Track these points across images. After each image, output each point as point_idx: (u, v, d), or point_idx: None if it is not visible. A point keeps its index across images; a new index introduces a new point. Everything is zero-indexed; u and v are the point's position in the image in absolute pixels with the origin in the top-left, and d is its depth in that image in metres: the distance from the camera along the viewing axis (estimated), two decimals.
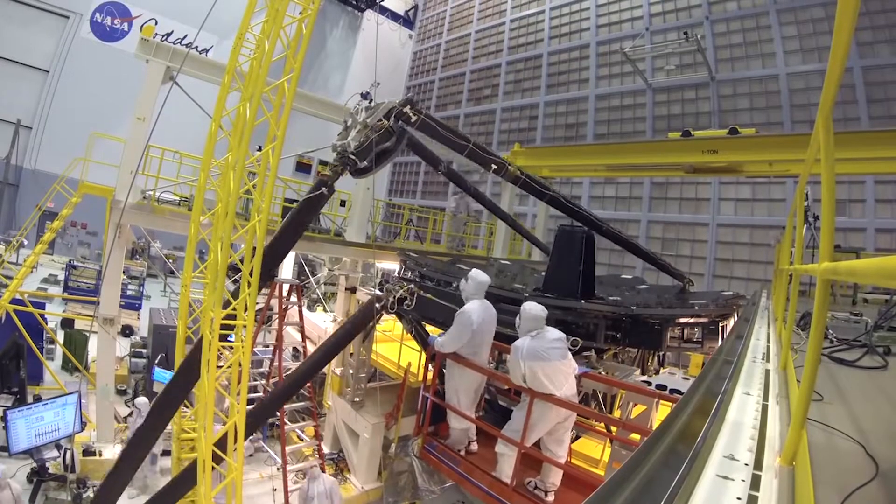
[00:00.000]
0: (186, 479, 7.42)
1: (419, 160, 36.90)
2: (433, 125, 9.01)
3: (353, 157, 8.05)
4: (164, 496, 7.79)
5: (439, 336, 7.43)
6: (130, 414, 12.52)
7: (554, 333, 6.31)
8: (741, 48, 22.68)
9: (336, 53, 39.78)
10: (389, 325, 13.80)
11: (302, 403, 10.93)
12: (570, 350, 6.46)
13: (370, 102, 8.37)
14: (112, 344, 11.36)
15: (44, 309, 14.24)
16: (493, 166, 10.32)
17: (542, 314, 6.38)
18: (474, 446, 7.62)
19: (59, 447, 10.43)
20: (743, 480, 1.98)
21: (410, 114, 8.45)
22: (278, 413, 9.84)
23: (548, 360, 6.07)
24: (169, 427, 8.47)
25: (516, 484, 6.35)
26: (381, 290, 8.48)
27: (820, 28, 20.30)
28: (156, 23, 30.41)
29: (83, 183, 13.01)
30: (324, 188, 7.76)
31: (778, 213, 19.32)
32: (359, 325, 8.44)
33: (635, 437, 5.87)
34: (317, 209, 8.29)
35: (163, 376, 12.13)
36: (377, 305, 8.03)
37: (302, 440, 11.14)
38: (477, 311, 7.03)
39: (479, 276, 7.30)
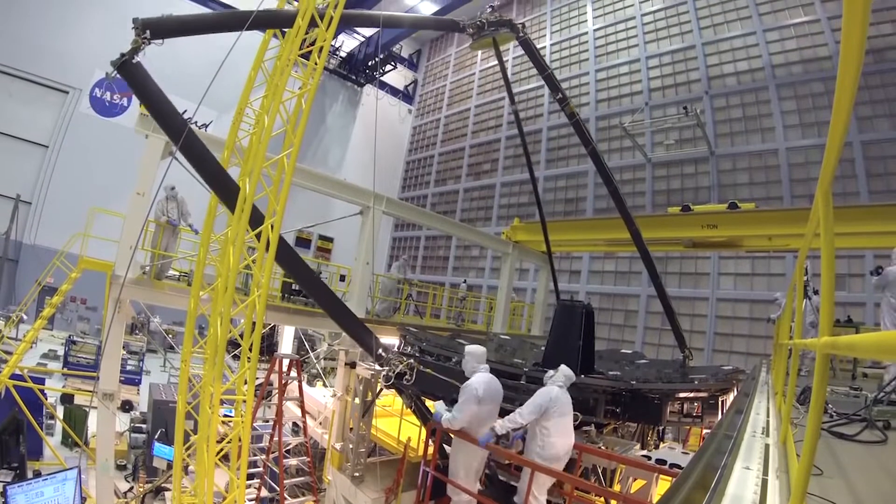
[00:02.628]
0: None
1: (419, 235, 37.78)
2: (529, 45, 13.23)
3: (482, 22, 13.02)
4: None
5: (446, 412, 7.33)
6: (131, 489, 12.35)
7: None
8: (741, 122, 23.16)
9: (336, 128, 40.14)
10: (389, 401, 13.70)
11: (302, 478, 10.78)
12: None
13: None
14: (112, 419, 11.22)
15: (43, 384, 14.15)
16: (559, 95, 13.51)
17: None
18: None
19: None
20: None
21: (519, 27, 13.10)
22: (277, 488, 9.75)
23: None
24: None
25: None
26: (380, 361, 8.51)
27: (819, 102, 20.81)
28: None
29: (82, 258, 13.04)
30: (460, 24, 13.15)
31: (777, 287, 19.26)
32: (347, 322, 8.85)
33: None
34: (445, 28, 13.36)
35: (163, 451, 12.00)
36: (380, 351, 8.34)
37: None
38: (482, 382, 6.99)
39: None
